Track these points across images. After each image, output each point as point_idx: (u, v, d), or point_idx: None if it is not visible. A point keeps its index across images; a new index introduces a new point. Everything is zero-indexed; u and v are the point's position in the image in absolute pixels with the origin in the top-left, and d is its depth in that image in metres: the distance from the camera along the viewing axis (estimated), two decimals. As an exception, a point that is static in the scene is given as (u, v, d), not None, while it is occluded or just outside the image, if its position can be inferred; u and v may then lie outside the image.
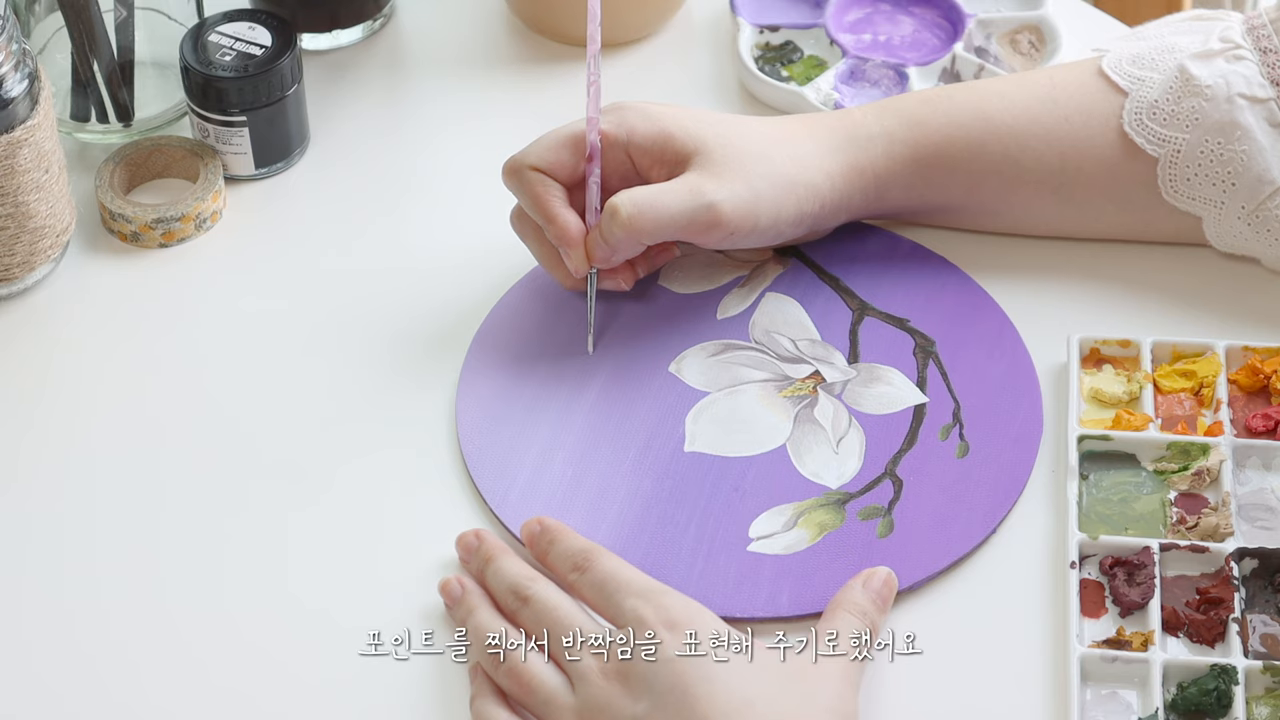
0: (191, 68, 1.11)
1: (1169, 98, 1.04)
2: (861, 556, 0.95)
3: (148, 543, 0.97)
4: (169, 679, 0.92)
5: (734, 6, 1.21)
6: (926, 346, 1.04)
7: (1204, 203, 1.04)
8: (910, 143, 1.05)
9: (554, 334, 1.05)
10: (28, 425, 1.02)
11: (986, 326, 1.05)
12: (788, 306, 1.07)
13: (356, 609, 0.94)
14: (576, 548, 0.93)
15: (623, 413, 1.02)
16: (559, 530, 0.94)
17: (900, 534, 0.96)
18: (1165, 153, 1.03)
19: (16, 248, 1.06)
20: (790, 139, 1.05)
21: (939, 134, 1.05)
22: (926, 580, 0.94)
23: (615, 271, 1.05)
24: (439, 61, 1.22)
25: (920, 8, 1.22)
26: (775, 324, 1.06)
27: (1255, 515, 0.97)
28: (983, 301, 1.06)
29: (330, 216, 1.13)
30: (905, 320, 1.05)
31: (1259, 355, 1.02)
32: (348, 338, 1.06)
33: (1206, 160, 1.03)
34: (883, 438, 1.00)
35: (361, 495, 0.99)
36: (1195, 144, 1.03)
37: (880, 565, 0.94)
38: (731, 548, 0.96)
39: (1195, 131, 1.03)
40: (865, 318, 1.06)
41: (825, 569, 0.95)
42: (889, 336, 1.05)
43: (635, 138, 1.03)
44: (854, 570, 0.94)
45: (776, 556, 0.96)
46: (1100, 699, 0.90)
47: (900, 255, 1.09)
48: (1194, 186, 1.04)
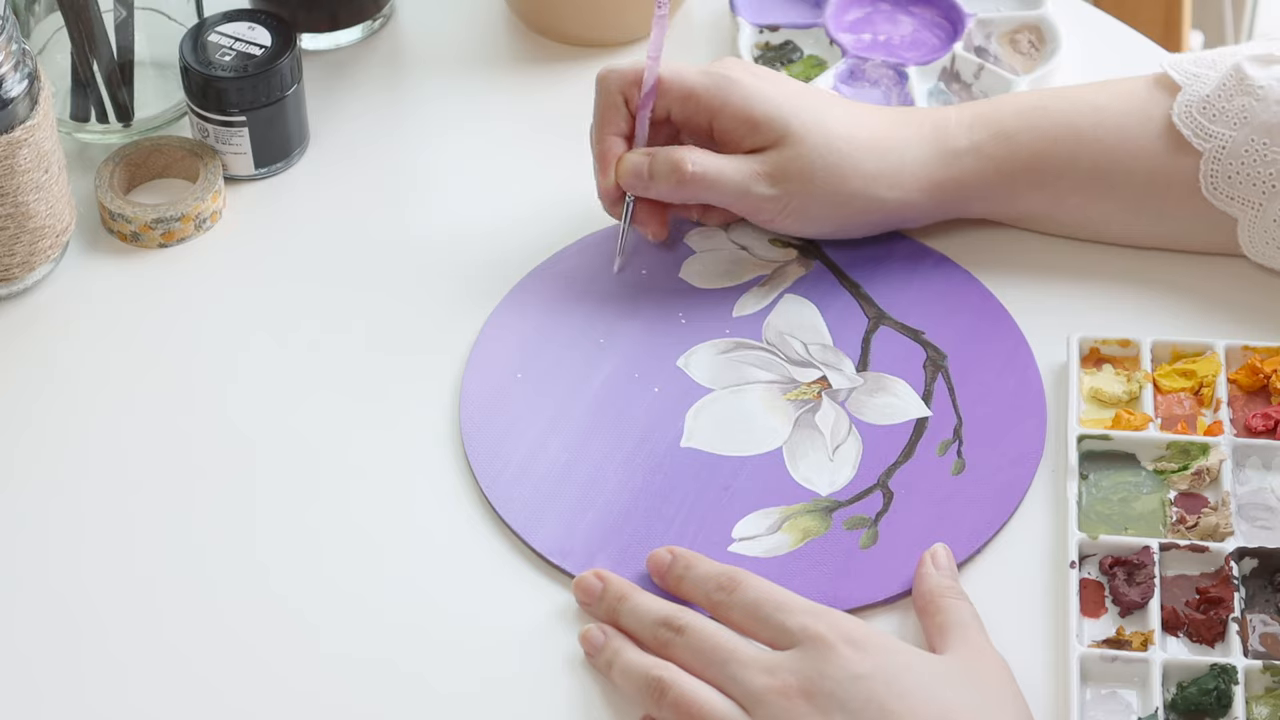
0: (191, 68, 1.11)
1: (1221, 94, 1.03)
2: (841, 566, 0.95)
3: (148, 542, 0.97)
4: (167, 678, 0.92)
5: (734, 6, 1.21)
6: (938, 360, 1.04)
7: (1243, 204, 1.03)
8: (999, 158, 1.05)
9: (564, 323, 1.06)
10: (27, 425, 1.02)
11: (1001, 345, 1.04)
12: (804, 309, 1.07)
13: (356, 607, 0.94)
14: (716, 570, 0.92)
15: (625, 403, 1.02)
16: (693, 556, 0.93)
17: (883, 546, 0.96)
18: (1210, 148, 1.03)
19: (16, 248, 1.06)
20: (879, 145, 1.05)
21: (1028, 150, 1.05)
22: (903, 595, 0.94)
23: (649, 219, 1.07)
24: (439, 61, 1.22)
25: (920, 7, 1.22)
26: (789, 326, 1.06)
27: (1255, 515, 0.97)
28: (1001, 319, 1.05)
29: (330, 216, 1.13)
30: (920, 332, 1.05)
31: (1259, 355, 1.02)
32: (348, 337, 1.06)
33: (1250, 160, 1.02)
34: (880, 448, 1.00)
35: (362, 497, 0.99)
36: (1241, 142, 1.02)
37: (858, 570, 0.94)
38: (713, 546, 0.96)
39: (1242, 129, 1.03)
40: (880, 326, 1.06)
41: (802, 575, 0.95)
42: (902, 347, 1.05)
43: (726, 110, 1.04)
44: (831, 579, 0.94)
45: (756, 559, 0.95)
46: (1100, 699, 0.90)
47: (925, 266, 1.08)
48: (1234, 185, 1.03)
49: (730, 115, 1.04)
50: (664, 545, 0.95)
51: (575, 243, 1.10)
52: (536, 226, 1.11)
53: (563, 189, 1.13)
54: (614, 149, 1.05)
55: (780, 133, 1.03)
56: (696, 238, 1.10)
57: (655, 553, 0.94)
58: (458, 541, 0.97)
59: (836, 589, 0.94)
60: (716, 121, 1.05)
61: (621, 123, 1.05)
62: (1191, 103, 1.04)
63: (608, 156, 1.05)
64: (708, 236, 1.10)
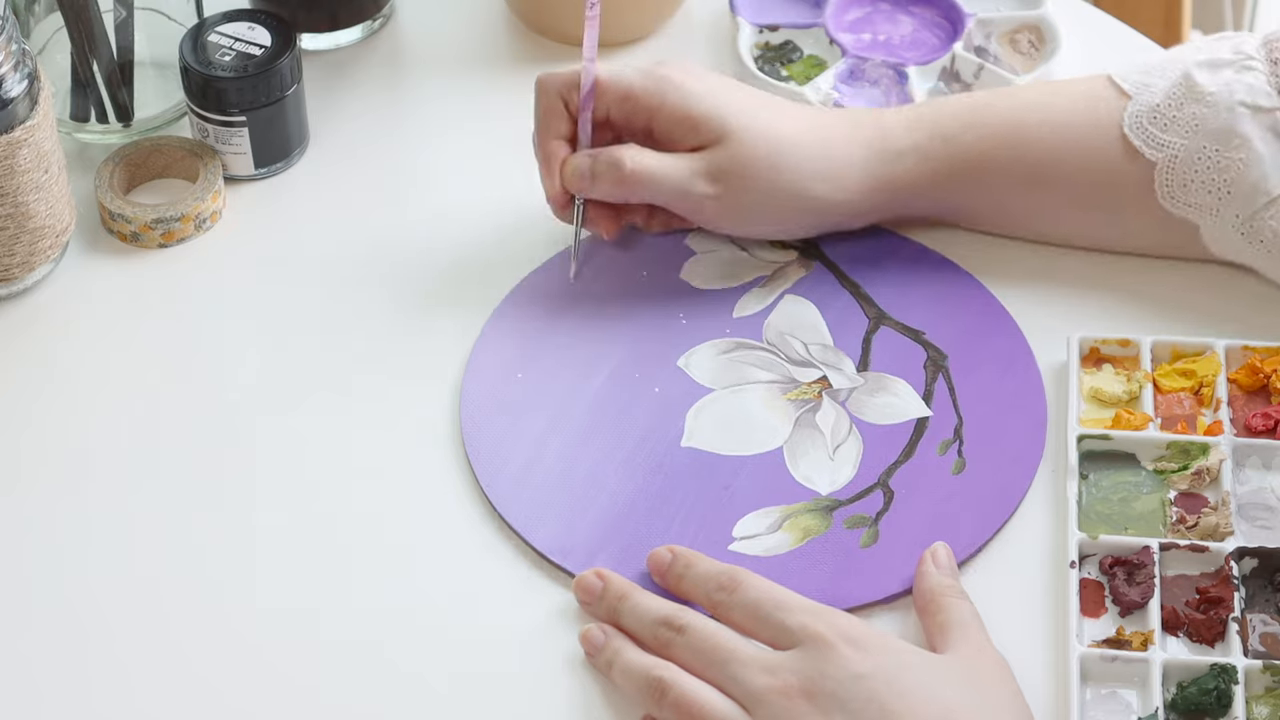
0: (191, 68, 1.11)
1: (1171, 103, 1.03)
2: (841, 565, 0.95)
3: (148, 541, 0.97)
4: (169, 677, 0.92)
5: (733, 6, 1.21)
6: (938, 360, 1.04)
7: (1199, 210, 1.03)
8: (941, 157, 1.05)
9: (565, 323, 1.06)
10: (27, 425, 1.02)
11: (1002, 346, 1.04)
12: (805, 310, 1.07)
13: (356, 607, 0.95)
14: (717, 569, 0.92)
15: (626, 403, 1.02)
16: (693, 555, 0.93)
17: (883, 545, 0.96)
18: (1163, 158, 1.03)
19: (16, 248, 1.06)
20: (819, 144, 1.04)
21: (970, 149, 1.05)
22: (903, 594, 0.94)
23: (600, 219, 1.06)
24: (439, 61, 1.22)
25: (920, 7, 1.22)
26: (790, 326, 1.06)
27: (1255, 514, 0.97)
28: (1002, 320, 1.05)
29: (330, 216, 1.13)
30: (921, 333, 1.05)
31: (1259, 354, 1.02)
32: (348, 337, 1.06)
33: (1203, 167, 1.02)
34: (881, 448, 1.00)
35: (362, 497, 0.99)
36: (1193, 150, 1.03)
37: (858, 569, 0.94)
38: (713, 545, 0.96)
39: (1194, 138, 1.03)
40: (881, 327, 1.06)
41: (802, 574, 0.95)
42: (902, 347, 1.05)
43: (664, 109, 1.04)
44: (830, 579, 0.94)
45: (756, 558, 0.95)
46: (1100, 698, 0.90)
47: (926, 267, 1.08)
48: (1190, 193, 1.03)
49: (668, 115, 1.04)
50: (664, 542, 0.95)
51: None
52: (537, 227, 1.11)
53: (563, 189, 1.13)
54: (558, 152, 1.05)
55: (719, 132, 1.03)
56: (697, 239, 1.10)
57: (655, 552, 0.94)
58: (458, 541, 0.97)
59: (836, 588, 0.94)
60: (655, 121, 1.04)
61: (563, 125, 1.05)
62: (1141, 112, 1.04)
63: (551, 160, 1.05)
64: (708, 238, 1.10)
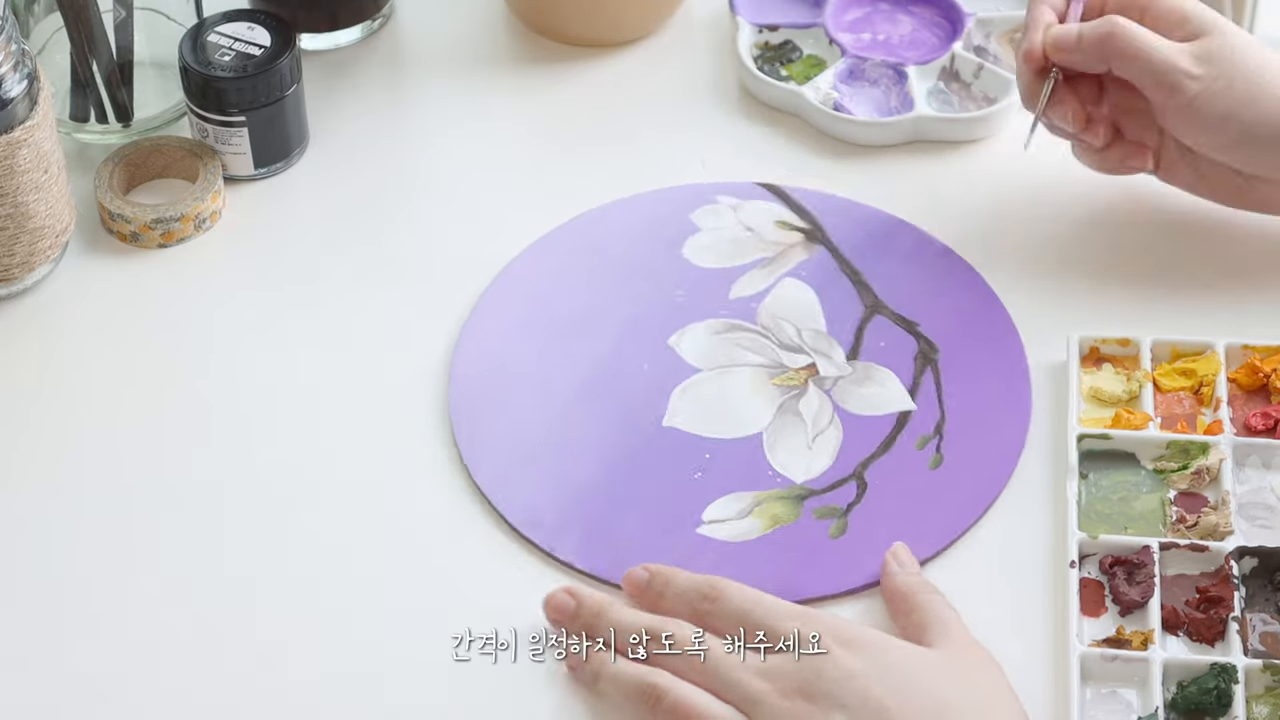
0: (191, 68, 1.11)
1: None
2: (808, 555, 0.95)
3: (147, 542, 0.97)
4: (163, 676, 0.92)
5: (733, 6, 1.21)
6: (929, 354, 1.04)
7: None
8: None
9: (560, 297, 1.06)
10: (26, 425, 1.02)
11: (995, 344, 1.04)
12: (802, 294, 1.06)
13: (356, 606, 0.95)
14: (697, 580, 0.92)
15: (612, 379, 1.02)
16: (670, 570, 0.93)
17: (851, 538, 0.96)
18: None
19: (16, 248, 1.06)
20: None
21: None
22: (865, 587, 0.94)
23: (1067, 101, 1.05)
24: (439, 61, 1.22)
25: (919, 7, 1.22)
26: (784, 310, 1.05)
27: (1255, 514, 0.97)
28: (998, 317, 1.05)
29: (329, 217, 1.13)
30: (915, 324, 1.05)
31: (1259, 354, 1.02)
32: (348, 337, 1.06)
33: None
34: (860, 439, 1.00)
35: (362, 497, 0.99)
36: None
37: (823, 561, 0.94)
38: (681, 527, 0.96)
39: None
40: (876, 316, 1.05)
41: (768, 562, 0.94)
42: (894, 338, 1.04)
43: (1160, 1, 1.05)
44: (797, 567, 0.94)
45: (723, 542, 0.95)
46: (1100, 698, 0.90)
47: (928, 257, 1.08)
48: None
49: (1161, 4, 1.05)
50: (634, 521, 0.95)
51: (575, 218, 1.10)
52: (537, 227, 1.11)
53: (563, 189, 1.13)
54: (1045, 16, 1.06)
55: (1210, 25, 1.04)
56: (702, 215, 1.10)
57: (631, 571, 0.93)
58: (458, 541, 0.97)
59: (798, 578, 0.94)
60: (1147, 14, 1.05)
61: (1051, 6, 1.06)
62: None
63: (1038, 22, 1.06)
64: (714, 215, 1.09)
